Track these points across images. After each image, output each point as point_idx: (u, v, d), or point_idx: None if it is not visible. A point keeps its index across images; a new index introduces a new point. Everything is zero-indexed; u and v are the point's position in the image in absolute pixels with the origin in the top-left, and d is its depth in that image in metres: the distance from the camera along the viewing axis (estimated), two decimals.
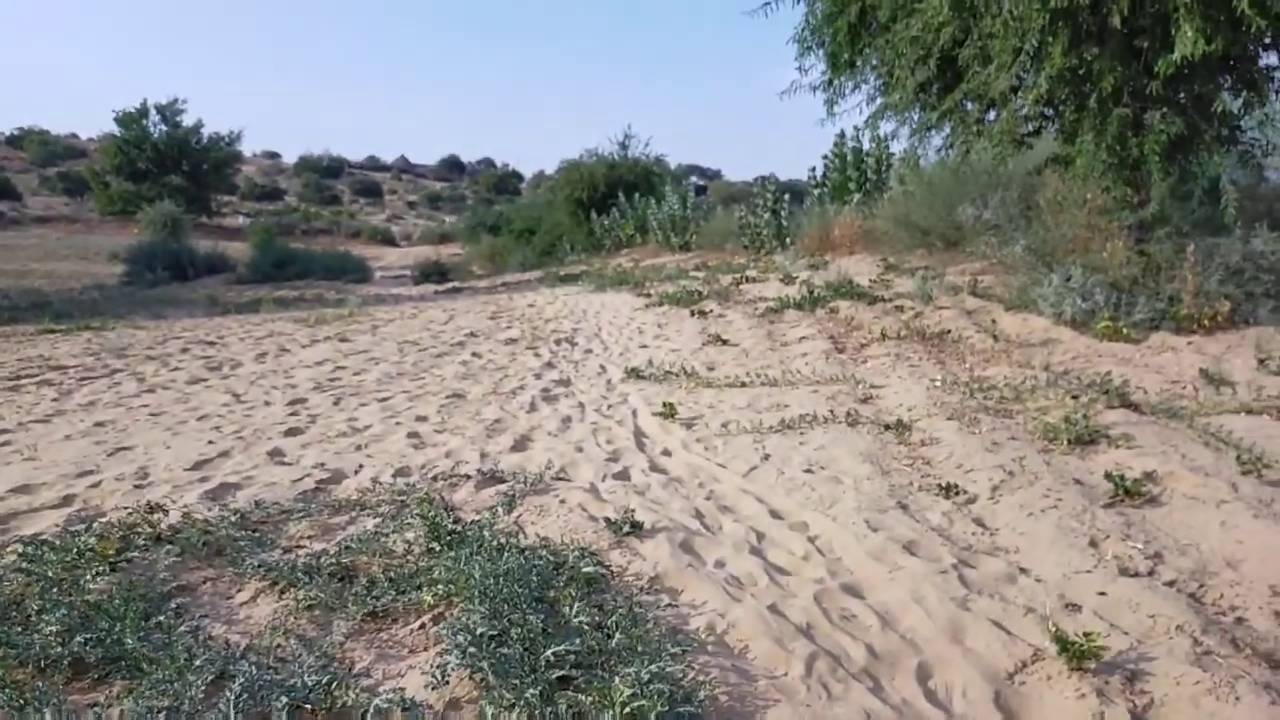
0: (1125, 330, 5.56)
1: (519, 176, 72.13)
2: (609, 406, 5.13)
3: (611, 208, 24.81)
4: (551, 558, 2.76)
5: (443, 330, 9.06)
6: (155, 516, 3.29)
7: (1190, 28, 4.90)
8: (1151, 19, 5.26)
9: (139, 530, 3.15)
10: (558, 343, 7.65)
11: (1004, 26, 5.44)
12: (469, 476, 3.78)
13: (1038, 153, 7.26)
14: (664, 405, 4.80)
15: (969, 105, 6.48)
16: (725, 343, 6.80)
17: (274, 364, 7.24)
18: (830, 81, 7.18)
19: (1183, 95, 5.68)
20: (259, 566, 2.82)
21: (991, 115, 6.50)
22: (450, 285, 19.24)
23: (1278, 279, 5.49)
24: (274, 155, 75.32)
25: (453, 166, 79.75)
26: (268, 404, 5.62)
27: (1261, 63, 5.89)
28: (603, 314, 9.55)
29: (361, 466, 4.06)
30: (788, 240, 14.70)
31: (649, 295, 10.52)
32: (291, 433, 4.80)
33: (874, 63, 6.89)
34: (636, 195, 24.12)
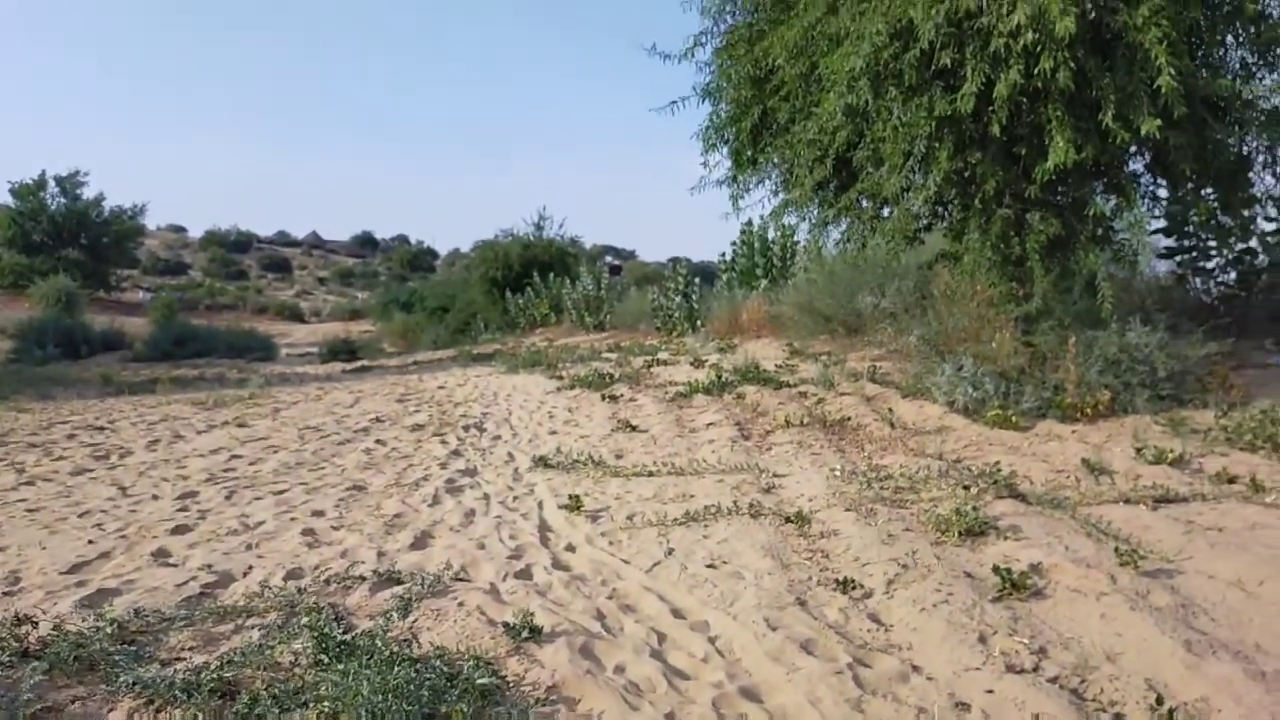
0: (1014, 418, 5.80)
1: (434, 254, 71.97)
2: (515, 498, 5.07)
3: (526, 287, 24.92)
4: (445, 668, 2.69)
5: (347, 414, 8.87)
6: (23, 629, 3.08)
7: (1062, 138, 5.28)
8: (1028, 129, 5.65)
9: (3, 645, 2.95)
10: (466, 429, 7.56)
11: (894, 132, 5.75)
12: (364, 578, 3.67)
13: (930, 247, 7.65)
14: (570, 497, 4.77)
15: (864, 203, 6.78)
16: (634, 429, 6.83)
17: (166, 452, 6.95)
18: (735, 177, 7.45)
19: (1060, 198, 6.07)
20: (134, 684, 2.66)
21: (886, 212, 6.82)
22: (359, 364, 18.90)
23: (1151, 370, 5.83)
24: (179, 229, 73.51)
25: (366, 243, 79.07)
26: (156, 498, 5.38)
27: (1130, 169, 6.38)
28: (514, 397, 9.51)
29: (251, 568, 3.90)
30: (699, 323, 14.98)
31: (561, 377, 10.53)
32: (179, 530, 4.59)
33: (775, 161, 7.17)
34: (551, 275, 24.33)
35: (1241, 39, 5.86)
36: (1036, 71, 5.17)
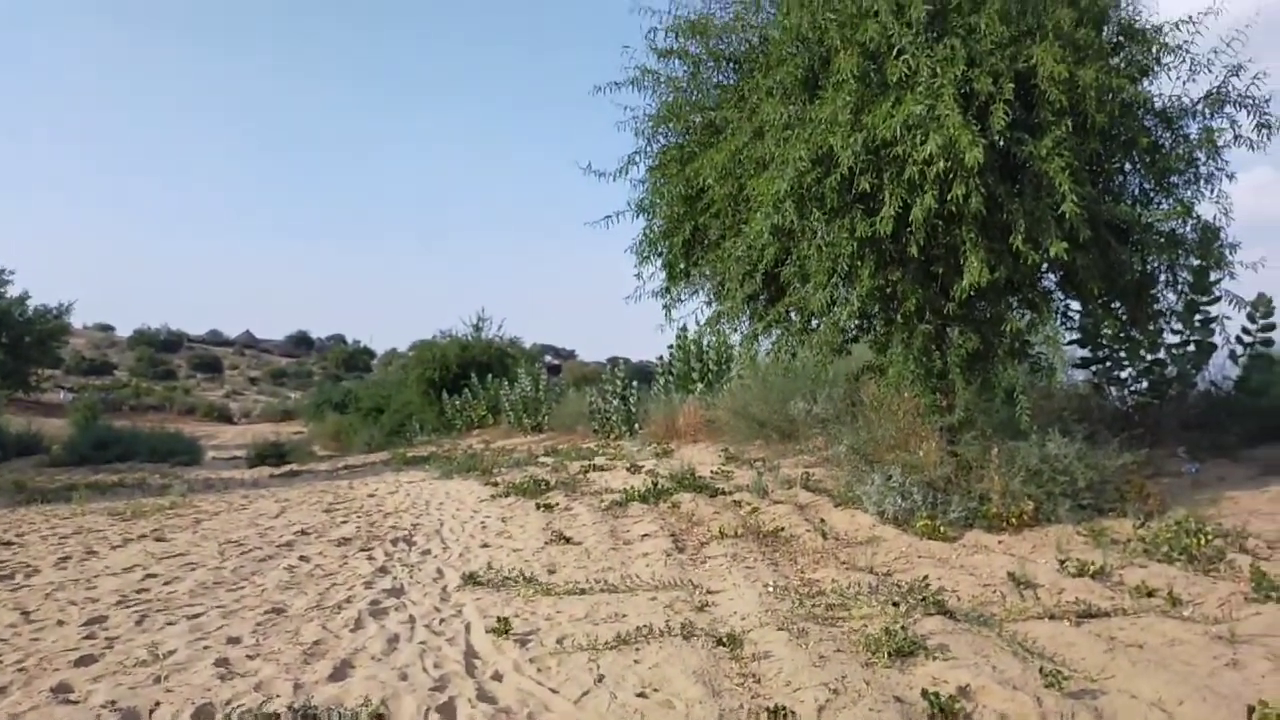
0: (942, 529, 5.88)
1: (370, 353, 71.29)
2: (442, 621, 4.92)
3: (464, 388, 24.75)
4: None
5: (271, 526, 8.58)
6: None
7: (976, 259, 5.53)
8: (944, 249, 5.91)
9: None
10: (395, 542, 7.37)
11: (818, 251, 5.96)
12: (278, 715, 3.49)
13: (859, 356, 7.85)
14: (499, 620, 4.65)
15: (793, 315, 6.96)
16: (568, 541, 6.74)
17: (76, 570, 6.62)
18: (668, 289, 7.60)
19: (978, 314, 6.31)
20: None
21: (814, 324, 7.00)
22: (287, 468, 18.41)
23: (1072, 480, 5.99)
24: (107, 328, 71.76)
25: (301, 342, 78.09)
26: (61, 624, 5.09)
27: (1043, 286, 6.68)
28: (446, 506, 9.33)
29: (158, 704, 3.69)
30: (636, 426, 15.00)
31: (496, 484, 10.39)
32: (83, 661, 4.34)
33: (707, 274, 7.35)
34: (490, 376, 24.24)
35: (1139, 168, 6.27)
36: (950, 197, 5.44)
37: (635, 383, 16.41)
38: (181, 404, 44.66)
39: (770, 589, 4.94)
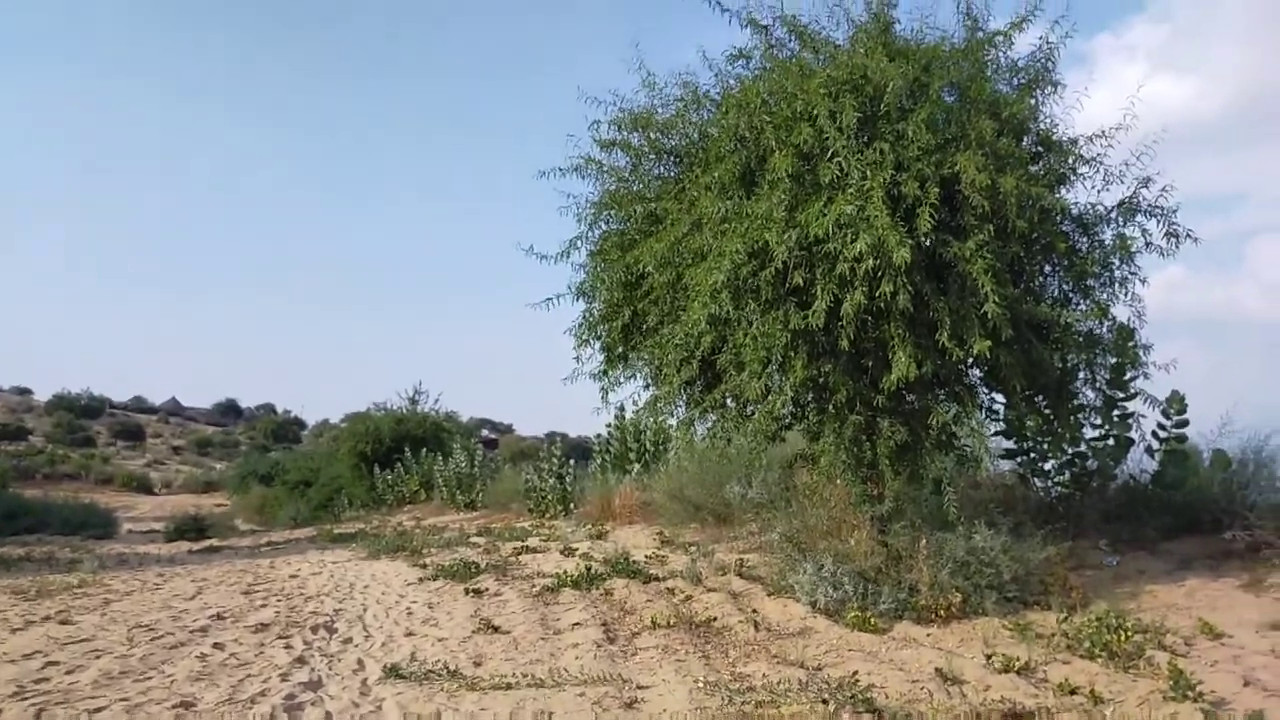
0: (873, 620, 5.89)
1: (301, 424, 69.65)
2: (359, 718, 4.73)
3: (397, 462, 24.30)
4: None
5: (186, 609, 8.21)
6: None
7: (904, 354, 5.69)
8: (874, 343, 6.07)
9: None
10: (314, 629, 7.10)
11: (753, 341, 6.07)
12: None
13: (794, 442, 7.94)
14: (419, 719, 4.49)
15: (729, 401, 7.03)
16: (497, 630, 6.57)
17: None
18: (606, 372, 7.63)
19: (907, 405, 6.46)
20: None
21: (750, 410, 7.08)
22: (207, 544, 17.73)
23: (998, 572, 6.09)
24: (25, 391, 69.01)
25: (228, 411, 76.00)
26: None
27: (969, 380, 6.87)
28: (371, 589, 9.05)
29: None
30: (572, 505, 14.86)
31: (424, 566, 10.14)
32: None
33: (645, 358, 7.40)
34: (424, 450, 23.86)
35: (1058, 270, 6.56)
36: (879, 294, 5.61)
37: (572, 461, 16.29)
38: (99, 473, 42.90)
39: (701, 684, 4.87)
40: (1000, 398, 7.15)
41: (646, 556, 9.18)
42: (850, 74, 5.98)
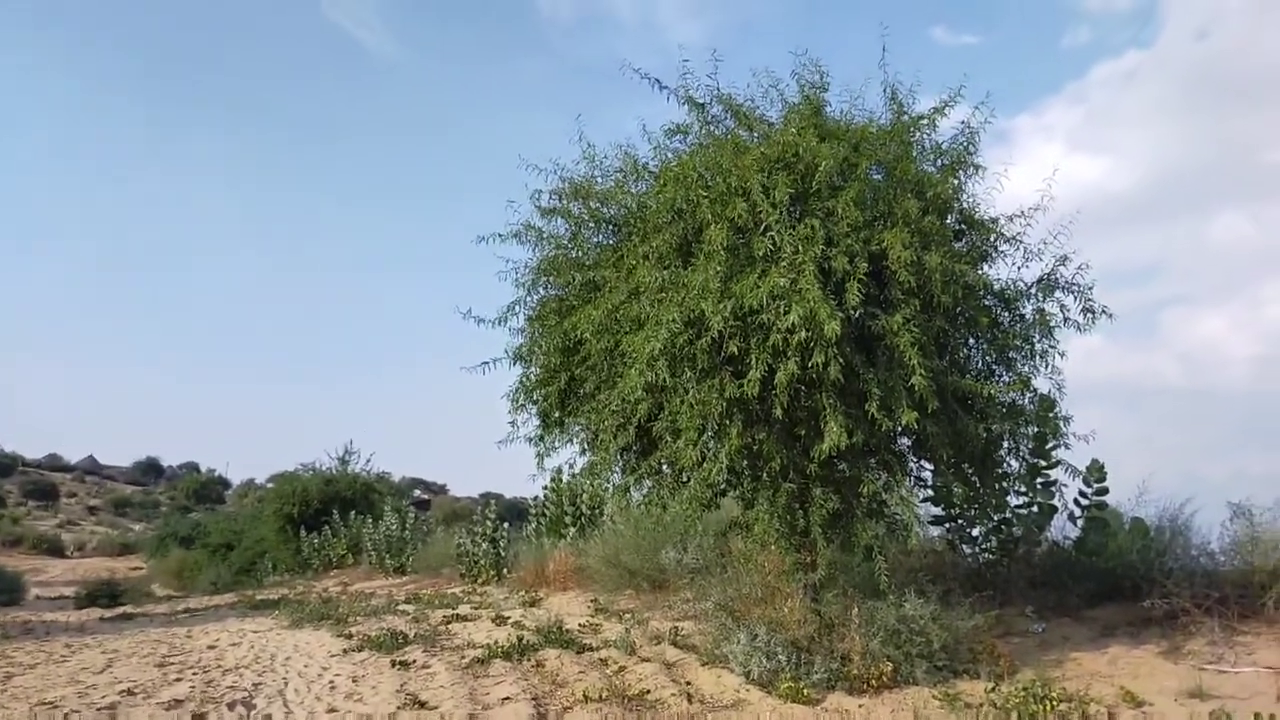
0: (806, 691, 5.88)
1: (225, 484, 67.40)
2: None
3: (324, 525, 23.62)
4: None
5: (94, 684, 7.80)
6: None
7: (835, 424, 5.79)
8: (806, 413, 6.16)
9: None
10: (231, 706, 6.79)
11: (689, 409, 6.12)
12: None
13: (729, 509, 7.96)
14: None
15: (665, 468, 7.05)
16: (423, 705, 6.38)
17: None
18: (542, 437, 7.59)
19: (838, 474, 6.56)
20: None
21: (685, 477, 7.10)
22: (120, 611, 16.90)
23: (927, 641, 6.15)
24: None
25: (149, 469, 73.18)
26: None
27: (898, 449, 7.01)
28: (293, 661, 8.72)
29: None
30: (505, 571, 14.60)
31: (350, 636, 9.81)
32: None
33: (582, 424, 7.40)
34: (353, 512, 23.27)
35: (981, 344, 6.79)
36: (811, 364, 5.73)
37: (507, 524, 16.05)
38: (7, 534, 40.78)
39: None
40: (929, 466, 7.30)
41: (580, 625, 9.05)
42: (783, 152, 6.18)
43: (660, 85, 7.11)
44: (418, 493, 51.26)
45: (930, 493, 8.23)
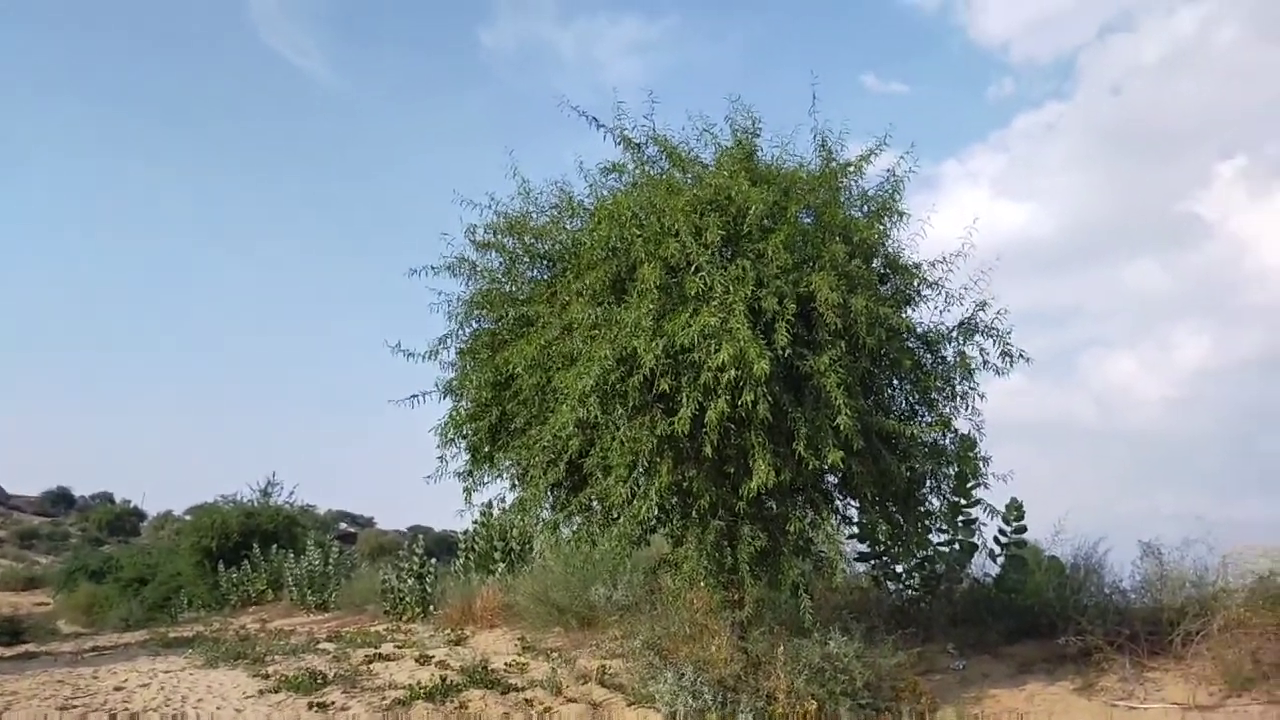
0: None
1: (140, 515, 64.81)
2: None
3: (244, 559, 22.90)
4: None
5: None
6: None
7: (763, 462, 5.87)
8: (736, 451, 6.23)
9: None
10: None
11: (619, 446, 6.14)
12: None
13: (659, 545, 7.97)
14: None
15: (595, 505, 7.03)
16: None
17: None
18: (470, 472, 7.51)
19: (766, 512, 6.62)
20: None
21: (615, 514, 7.09)
22: (22, 650, 16.09)
23: (851, 679, 6.21)
24: None
25: (59, 500, 69.98)
26: None
27: (825, 487, 7.12)
28: (205, 704, 8.40)
29: None
30: (431, 607, 14.31)
31: (266, 676, 9.50)
32: None
33: (512, 459, 7.34)
34: (275, 546, 22.62)
35: (905, 385, 6.96)
36: (740, 403, 5.80)
37: (434, 559, 15.77)
38: None
39: None
40: (855, 504, 7.43)
41: (506, 664, 8.91)
42: (715, 194, 6.31)
43: (597, 124, 7.21)
44: (343, 526, 50.06)
45: (856, 530, 8.37)
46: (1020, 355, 7.01)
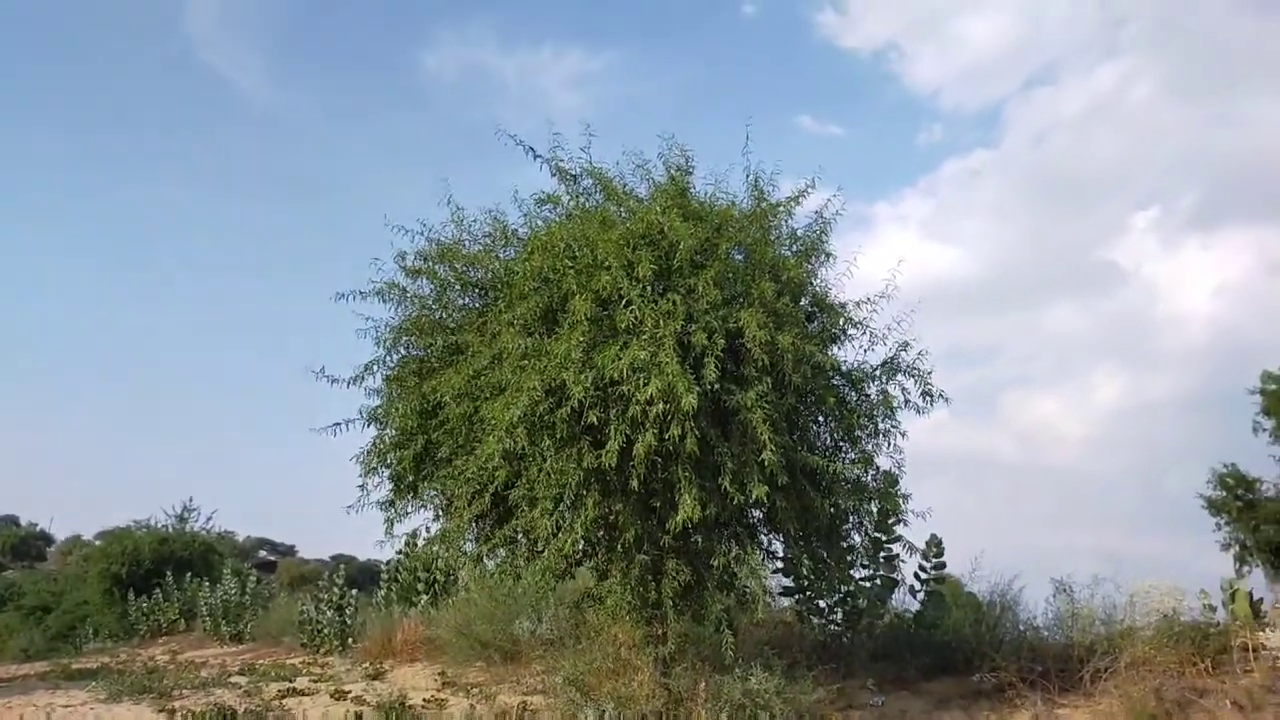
0: None
1: (48, 539, 61.91)
2: None
3: (156, 587, 22.01)
4: None
5: None
6: None
7: (689, 496, 5.90)
8: (662, 484, 6.24)
9: None
10: None
11: (546, 478, 6.10)
12: None
13: (584, 579, 7.90)
14: None
15: (520, 537, 6.96)
16: None
17: None
18: (393, 502, 7.38)
19: (691, 547, 6.64)
20: None
21: (540, 547, 7.03)
22: None
23: (772, 715, 6.23)
24: None
25: None
26: None
27: (750, 522, 7.17)
28: None
29: None
30: (351, 640, 13.92)
31: (172, 711, 9.11)
32: None
33: (436, 489, 7.24)
34: (190, 574, 21.81)
35: (829, 422, 7.07)
36: (668, 436, 5.83)
37: (356, 590, 15.36)
38: None
39: None
40: (779, 539, 7.49)
41: (425, 700, 8.70)
42: (648, 229, 6.38)
43: (535, 154, 7.24)
44: (263, 554, 48.53)
45: (780, 565, 8.43)
46: (940, 395, 7.19)
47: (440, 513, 7.55)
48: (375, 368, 7.51)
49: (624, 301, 6.08)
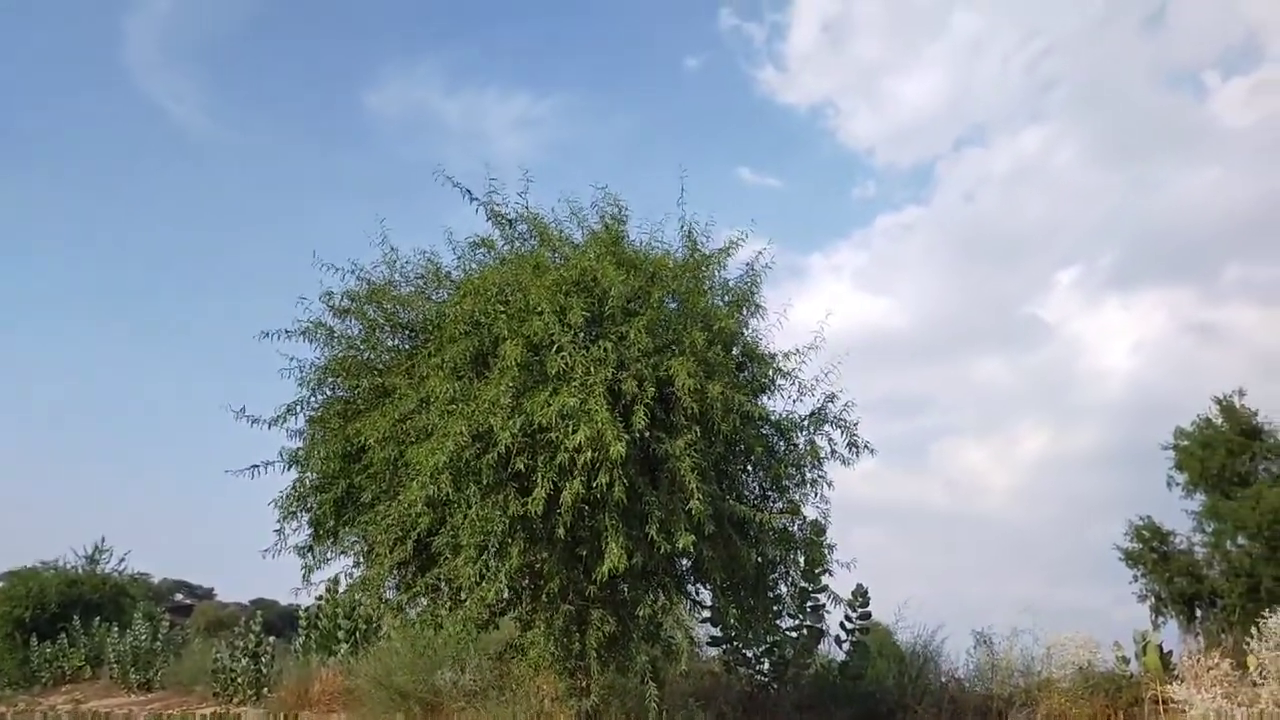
0: None
1: None
2: None
3: (62, 632, 20.97)
4: None
5: None
6: None
7: (616, 545, 5.84)
8: (589, 533, 6.18)
9: None
10: None
11: (471, 525, 5.99)
12: None
13: (509, 629, 7.74)
14: None
15: (443, 585, 6.80)
16: None
17: None
18: (312, 548, 7.16)
19: (618, 596, 6.56)
20: None
21: (463, 595, 6.87)
22: None
23: None
24: None
25: None
26: None
27: (678, 571, 7.12)
28: None
29: None
30: (265, 690, 13.41)
31: None
32: None
33: (357, 535, 7.05)
34: (99, 619, 20.82)
35: (757, 471, 7.11)
36: (596, 484, 5.78)
37: (274, 637, 14.84)
38: None
39: None
40: (707, 589, 7.46)
41: None
42: (581, 275, 6.38)
43: (471, 197, 7.22)
44: (179, 597, 46.58)
45: (708, 615, 8.39)
46: (866, 445, 7.28)
47: (361, 559, 7.35)
48: (298, 409, 7.31)
49: (555, 347, 6.05)
